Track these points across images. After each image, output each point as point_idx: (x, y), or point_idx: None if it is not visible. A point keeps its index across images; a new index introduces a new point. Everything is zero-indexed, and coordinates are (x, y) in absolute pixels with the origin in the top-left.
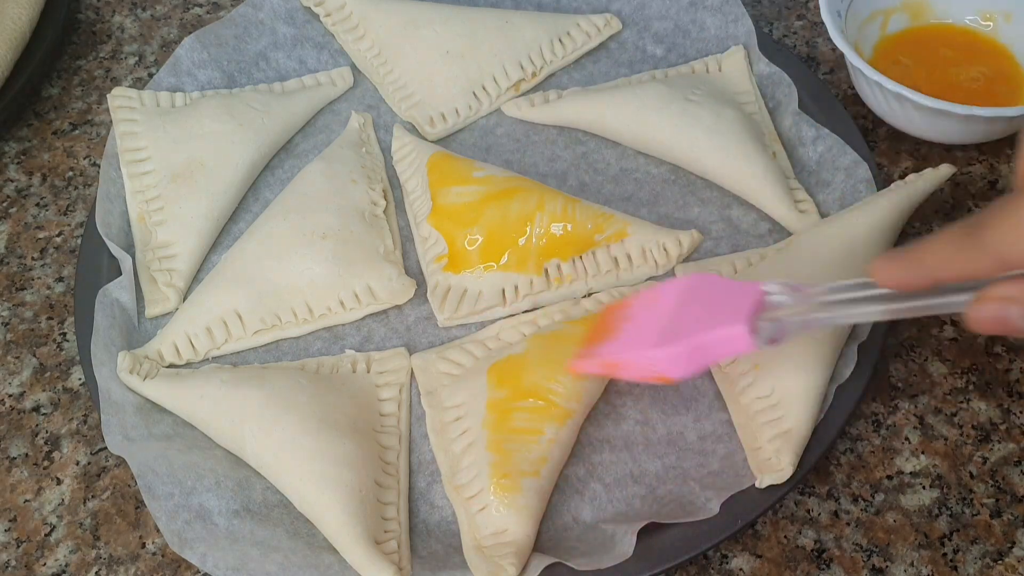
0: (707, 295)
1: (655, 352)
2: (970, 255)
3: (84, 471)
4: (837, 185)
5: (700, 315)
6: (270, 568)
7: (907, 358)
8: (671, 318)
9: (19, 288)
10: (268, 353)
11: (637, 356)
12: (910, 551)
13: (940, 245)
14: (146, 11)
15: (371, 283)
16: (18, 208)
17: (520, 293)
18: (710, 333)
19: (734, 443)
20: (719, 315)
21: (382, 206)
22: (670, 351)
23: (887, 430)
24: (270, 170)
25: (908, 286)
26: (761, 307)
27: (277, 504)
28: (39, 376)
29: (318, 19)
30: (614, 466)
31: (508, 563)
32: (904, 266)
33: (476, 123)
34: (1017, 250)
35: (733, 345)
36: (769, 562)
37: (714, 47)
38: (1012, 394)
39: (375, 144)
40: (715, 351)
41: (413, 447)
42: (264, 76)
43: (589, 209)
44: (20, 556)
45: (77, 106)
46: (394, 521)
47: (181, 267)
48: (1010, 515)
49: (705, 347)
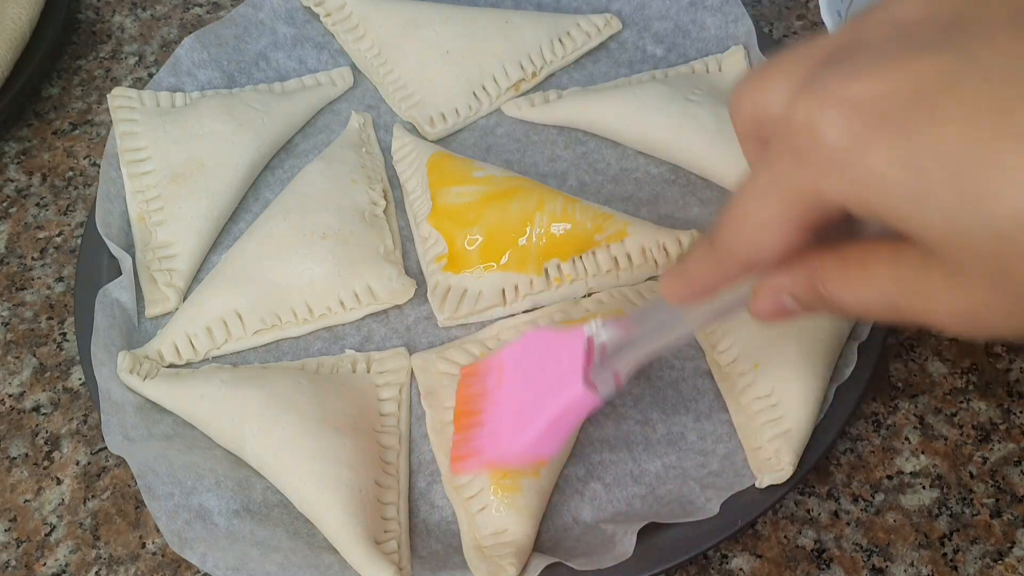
0: (541, 356)
1: (519, 444)
2: (716, 264)
3: (84, 471)
4: None
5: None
6: (270, 568)
7: (907, 358)
8: (520, 394)
9: (19, 288)
10: (268, 353)
11: (507, 451)
12: (910, 551)
13: (696, 258)
14: (146, 11)
15: (371, 283)
16: (18, 208)
17: (520, 293)
18: (556, 405)
19: (734, 443)
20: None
21: (382, 206)
22: (530, 439)
23: (887, 430)
24: (270, 170)
25: (694, 299)
26: (591, 354)
27: (277, 504)
28: (39, 376)
29: (318, 19)
30: (614, 466)
31: (508, 563)
32: (680, 282)
33: (476, 123)
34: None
35: (579, 407)
36: (769, 562)
37: (714, 47)
38: (1012, 394)
39: (375, 144)
40: (569, 419)
41: (413, 447)
42: (264, 76)
43: (589, 209)
44: (20, 556)
45: (77, 106)
46: (394, 521)
47: (181, 267)
48: (1010, 515)
49: (559, 419)
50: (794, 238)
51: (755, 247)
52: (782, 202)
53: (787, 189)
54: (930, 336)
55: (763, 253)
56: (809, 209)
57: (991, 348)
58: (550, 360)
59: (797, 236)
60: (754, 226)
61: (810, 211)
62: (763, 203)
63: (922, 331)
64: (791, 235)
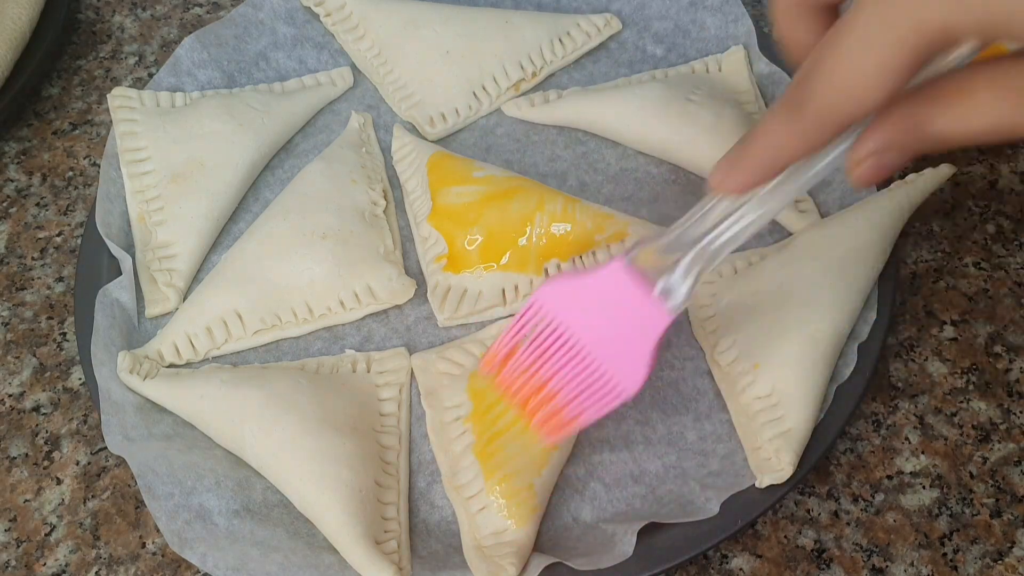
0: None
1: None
2: (799, 129)
3: (84, 471)
4: (837, 185)
5: (608, 326)
6: (270, 568)
7: (907, 358)
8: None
9: (19, 288)
10: (268, 353)
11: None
12: (910, 551)
13: (770, 128)
14: (146, 11)
15: (371, 283)
16: (18, 208)
17: (520, 293)
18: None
19: (734, 443)
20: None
21: (382, 206)
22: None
23: (887, 430)
24: (270, 170)
25: (755, 186)
26: (643, 282)
27: (277, 504)
28: (39, 376)
29: (318, 19)
30: (614, 466)
31: (508, 563)
32: (743, 167)
33: (476, 123)
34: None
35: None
36: (769, 562)
37: (714, 47)
38: (1012, 394)
39: (375, 144)
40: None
41: (413, 447)
42: (264, 76)
43: (589, 209)
44: (20, 556)
45: (77, 106)
46: (394, 521)
47: (181, 267)
48: (1010, 515)
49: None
50: (902, 82)
51: (860, 98)
52: (897, 42)
53: (905, 26)
54: (930, 336)
55: (868, 103)
56: (927, 46)
57: (991, 348)
58: (601, 304)
59: (905, 79)
60: (860, 73)
61: (927, 48)
62: (871, 46)
63: (922, 331)
64: (901, 79)
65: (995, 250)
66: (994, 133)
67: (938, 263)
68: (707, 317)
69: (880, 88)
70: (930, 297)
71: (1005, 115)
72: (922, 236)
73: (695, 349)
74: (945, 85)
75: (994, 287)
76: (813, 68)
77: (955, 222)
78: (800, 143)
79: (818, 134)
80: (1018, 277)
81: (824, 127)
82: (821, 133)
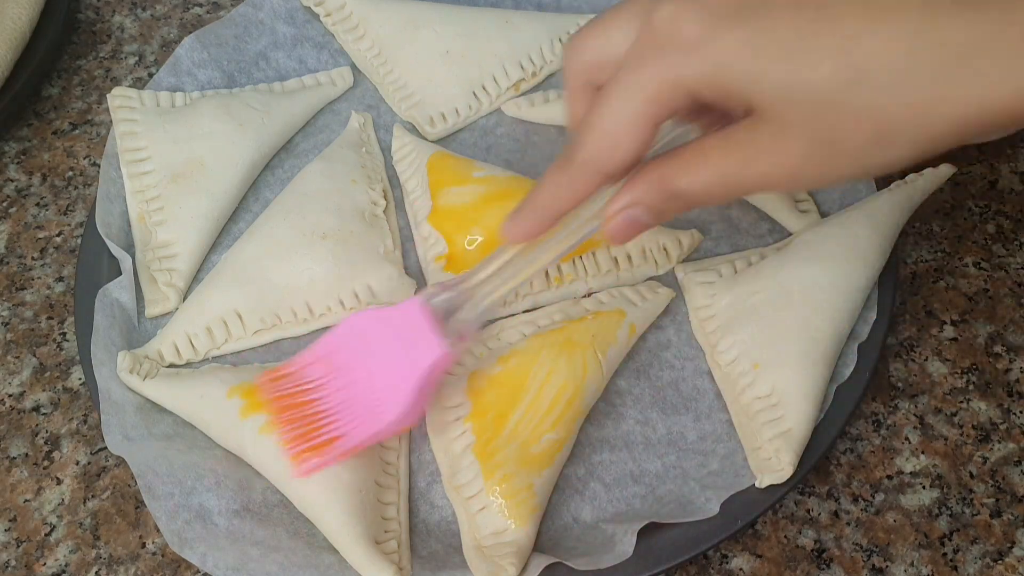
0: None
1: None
2: (567, 179)
3: (84, 471)
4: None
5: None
6: (270, 568)
7: (907, 358)
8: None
9: (19, 288)
10: (268, 353)
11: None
12: (910, 551)
13: (546, 183)
14: (146, 11)
15: (371, 283)
16: (18, 208)
17: (520, 293)
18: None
19: (734, 443)
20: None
21: (382, 206)
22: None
23: (887, 430)
24: (270, 170)
25: (538, 232)
26: (432, 317)
27: (277, 504)
28: (39, 376)
29: (318, 19)
30: (614, 466)
31: (508, 563)
32: (526, 216)
33: (476, 123)
34: (602, 154)
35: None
36: (769, 562)
37: None
38: (1012, 394)
39: (375, 144)
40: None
41: (413, 447)
42: (264, 76)
43: None
44: (20, 556)
45: (77, 106)
46: (394, 521)
47: (181, 267)
48: (1010, 515)
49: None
50: (651, 132)
51: (617, 149)
52: (644, 95)
53: (649, 80)
54: (930, 336)
55: (625, 151)
56: (668, 100)
57: (991, 348)
58: (386, 335)
59: (653, 130)
60: (616, 125)
61: (668, 102)
62: (625, 101)
63: (922, 331)
64: (651, 128)
65: (995, 250)
66: (723, 186)
67: (938, 263)
68: (707, 317)
69: (634, 137)
70: (930, 297)
71: (731, 170)
72: (922, 236)
73: (695, 349)
74: (685, 148)
75: (994, 287)
76: (583, 126)
77: (955, 222)
78: (569, 193)
79: (584, 183)
80: (1018, 277)
81: (589, 176)
82: (587, 182)
